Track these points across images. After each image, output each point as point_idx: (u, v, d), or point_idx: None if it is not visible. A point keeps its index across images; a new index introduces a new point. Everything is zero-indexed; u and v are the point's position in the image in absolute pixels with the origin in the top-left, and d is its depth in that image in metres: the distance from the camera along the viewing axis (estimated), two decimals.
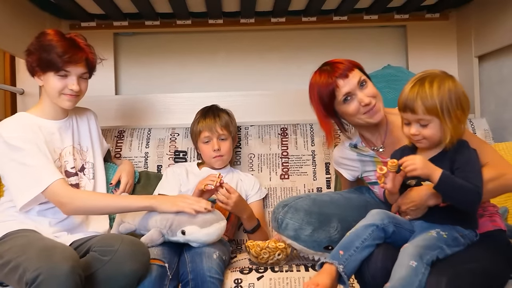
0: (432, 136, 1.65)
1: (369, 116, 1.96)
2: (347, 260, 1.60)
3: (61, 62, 1.95)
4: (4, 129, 1.93)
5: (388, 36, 3.16)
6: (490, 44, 2.73)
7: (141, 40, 3.09)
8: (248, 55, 3.11)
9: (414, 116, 1.64)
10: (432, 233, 1.63)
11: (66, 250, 1.68)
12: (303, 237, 1.93)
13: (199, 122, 2.44)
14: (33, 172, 1.89)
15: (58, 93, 1.99)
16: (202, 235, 1.91)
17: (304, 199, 2.00)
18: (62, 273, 1.55)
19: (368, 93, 1.95)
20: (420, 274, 1.51)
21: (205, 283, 1.79)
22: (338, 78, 1.94)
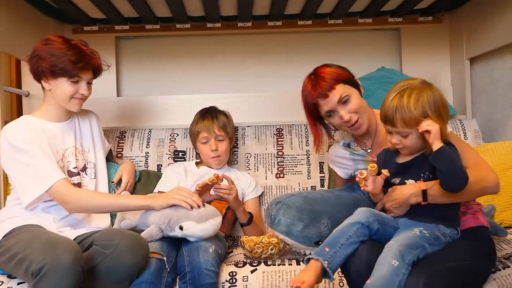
0: (413, 145, 1.72)
1: (352, 130, 2.04)
2: (332, 256, 1.66)
3: (76, 69, 2.04)
4: (9, 132, 2.00)
5: (382, 39, 3.21)
6: (481, 46, 2.79)
7: (142, 44, 3.16)
8: (245, 57, 3.18)
9: (394, 129, 1.70)
10: (415, 231, 1.68)
11: (69, 243, 1.76)
12: (295, 233, 2.00)
13: (198, 123, 2.52)
14: (37, 172, 1.96)
15: (69, 97, 2.08)
16: (199, 230, 1.98)
17: (296, 196, 2.08)
18: (65, 264, 1.63)
19: (350, 109, 2.00)
20: (401, 274, 1.57)
21: (202, 275, 1.86)
22: (319, 98, 2.01)
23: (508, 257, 1.91)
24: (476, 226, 1.84)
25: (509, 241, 2.06)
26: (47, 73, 2.05)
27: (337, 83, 2.01)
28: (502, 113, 2.72)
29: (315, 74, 2.07)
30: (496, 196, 2.36)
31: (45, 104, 2.15)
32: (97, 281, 1.83)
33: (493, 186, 1.79)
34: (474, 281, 1.74)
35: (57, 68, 2.03)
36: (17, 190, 2.02)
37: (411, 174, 1.75)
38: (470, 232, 1.80)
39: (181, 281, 1.90)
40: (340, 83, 2.02)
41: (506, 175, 2.39)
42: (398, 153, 1.82)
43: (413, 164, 1.75)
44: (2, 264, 1.92)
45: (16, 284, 1.89)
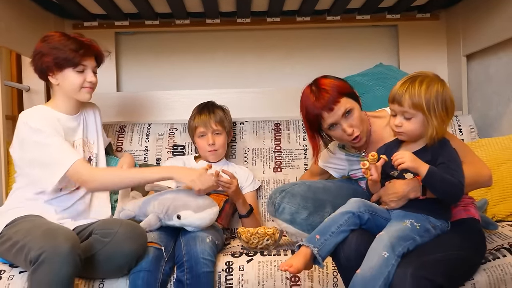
0: (413, 130, 1.74)
1: (352, 143, 2.06)
2: (322, 244, 1.69)
3: (78, 57, 2.08)
4: (27, 117, 2.05)
5: (380, 36, 3.24)
6: (477, 43, 2.82)
7: (142, 39, 3.19)
8: (244, 54, 3.20)
9: (400, 108, 1.72)
10: (406, 223, 1.71)
11: (67, 232, 1.80)
12: (299, 221, 2.04)
13: (195, 118, 2.55)
14: (56, 154, 2.01)
15: (79, 87, 2.12)
16: (196, 219, 2.02)
17: (300, 185, 2.12)
18: (63, 252, 1.67)
19: (352, 123, 2.00)
20: (390, 266, 1.61)
21: (199, 264, 1.90)
22: (323, 110, 1.98)
23: (498, 249, 1.94)
24: (467, 218, 1.87)
25: (500, 234, 2.09)
26: (52, 67, 2.09)
27: (341, 96, 2.00)
28: (497, 109, 2.74)
29: (317, 85, 2.04)
30: (489, 191, 2.39)
31: (55, 98, 2.18)
32: (97, 269, 1.87)
33: (487, 180, 1.87)
34: (462, 271, 1.78)
35: (60, 59, 2.07)
36: (38, 174, 2.04)
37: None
38: (460, 224, 1.83)
39: (178, 270, 1.94)
40: (344, 96, 2.01)
41: (500, 170, 2.42)
42: (399, 146, 1.85)
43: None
44: (4, 253, 1.96)
45: (18, 273, 1.92)
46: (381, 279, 1.58)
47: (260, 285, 1.92)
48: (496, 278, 1.83)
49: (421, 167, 1.67)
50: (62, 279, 1.66)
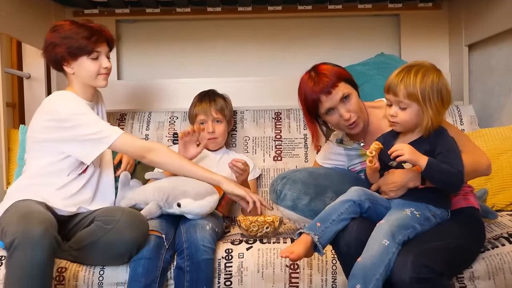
0: (407, 120, 1.74)
1: (349, 129, 2.06)
2: (323, 231, 1.70)
3: (91, 44, 2.09)
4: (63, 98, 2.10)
5: (381, 25, 3.23)
6: (479, 33, 2.81)
7: (142, 27, 3.18)
8: (245, 42, 3.20)
9: (395, 98, 1.72)
10: (406, 212, 1.71)
11: (42, 215, 1.79)
12: (301, 207, 2.05)
13: (196, 105, 2.55)
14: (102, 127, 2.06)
15: (95, 74, 2.13)
16: (196, 207, 2.03)
17: (301, 171, 2.13)
18: (35, 236, 1.66)
19: (350, 108, 2.01)
20: (391, 253, 1.61)
21: (199, 251, 1.91)
22: (321, 94, 1.99)
23: (497, 238, 1.94)
24: (466, 207, 1.87)
25: (499, 223, 2.10)
26: (67, 57, 2.10)
27: (340, 81, 2.01)
28: (498, 100, 2.74)
29: (316, 71, 2.05)
30: (489, 180, 2.39)
31: (72, 87, 2.18)
32: (98, 256, 1.90)
33: (485, 169, 1.87)
34: (461, 259, 1.79)
35: (73, 48, 2.08)
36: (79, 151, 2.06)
37: None
38: (460, 213, 1.84)
39: (178, 257, 1.95)
40: (342, 81, 2.02)
41: (500, 159, 2.43)
42: (396, 137, 1.85)
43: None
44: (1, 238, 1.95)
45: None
46: (382, 267, 1.59)
47: (260, 273, 1.94)
48: (495, 266, 1.84)
49: (420, 159, 1.67)
50: (37, 264, 1.65)
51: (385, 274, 1.59)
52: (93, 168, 2.18)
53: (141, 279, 1.86)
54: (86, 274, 1.92)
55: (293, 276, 1.93)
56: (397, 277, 1.58)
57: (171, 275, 1.95)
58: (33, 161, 2.11)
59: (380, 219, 1.72)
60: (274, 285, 1.93)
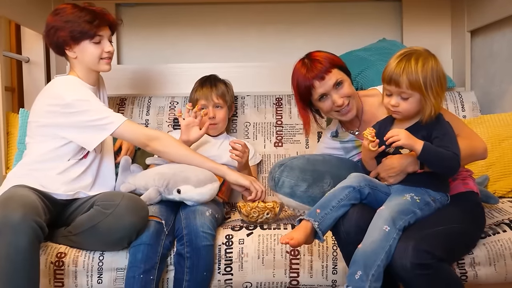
0: (410, 110, 1.74)
1: (341, 115, 2.07)
2: (322, 218, 1.70)
3: (94, 28, 2.08)
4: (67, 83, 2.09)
5: (383, 10, 3.19)
6: (482, 18, 2.78)
7: (143, 11, 3.15)
8: (246, 27, 3.17)
9: (397, 89, 1.72)
10: (406, 197, 1.72)
11: (22, 199, 1.77)
12: (299, 193, 2.06)
13: (197, 90, 2.53)
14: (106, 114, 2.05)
15: (98, 58, 2.12)
16: (196, 194, 2.03)
17: (298, 158, 2.13)
18: (14, 221, 1.66)
19: (343, 94, 2.04)
20: (391, 239, 1.62)
21: (198, 237, 1.90)
22: (315, 79, 2.02)
23: (498, 224, 1.95)
24: (465, 191, 1.88)
25: (500, 210, 2.11)
26: (69, 41, 2.08)
27: (333, 67, 2.05)
28: (500, 86, 2.73)
29: (309, 58, 2.09)
30: (490, 167, 2.39)
31: (75, 70, 2.18)
32: (97, 241, 1.90)
33: (482, 152, 1.89)
34: (462, 244, 1.80)
35: (76, 32, 2.07)
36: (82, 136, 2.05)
37: None
38: (459, 197, 1.84)
39: (178, 243, 1.95)
40: (335, 67, 2.05)
41: (501, 146, 2.42)
42: (392, 123, 1.85)
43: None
44: None
45: None
46: (383, 253, 1.59)
47: (260, 259, 1.94)
48: (496, 252, 1.85)
49: (415, 143, 1.67)
50: (19, 249, 1.65)
51: (386, 260, 1.60)
52: (94, 154, 2.17)
53: (141, 265, 1.86)
54: (85, 260, 1.92)
55: (294, 262, 1.93)
56: (398, 262, 1.58)
57: (171, 261, 1.95)
58: (35, 145, 2.10)
59: (380, 205, 1.73)
60: (275, 271, 1.93)
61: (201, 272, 1.90)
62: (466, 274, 1.85)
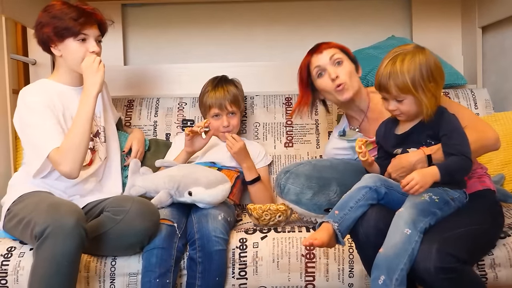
0: (409, 110, 1.72)
1: (339, 93, 2.06)
2: (341, 218, 1.68)
3: (78, 26, 2.02)
4: (25, 94, 2.03)
5: (392, 7, 3.17)
6: (493, 14, 2.75)
7: (149, 11, 3.13)
8: (253, 26, 3.15)
9: (389, 95, 1.71)
10: (424, 197, 1.68)
11: (71, 205, 1.79)
12: (304, 201, 2.02)
13: (209, 95, 2.47)
14: (42, 137, 1.95)
15: (81, 58, 2.05)
16: (207, 196, 2.01)
17: (304, 165, 2.10)
18: (68, 226, 1.66)
19: (339, 72, 2.05)
20: (414, 242, 1.59)
21: (211, 242, 1.88)
22: (313, 54, 2.09)
23: None
24: (483, 190, 1.84)
25: None
26: (53, 37, 2.04)
27: (335, 47, 2.11)
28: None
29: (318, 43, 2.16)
30: (506, 166, 2.36)
31: (58, 70, 2.14)
32: (108, 247, 1.87)
33: (493, 143, 1.84)
34: (483, 245, 1.78)
35: (60, 28, 2.02)
36: (26, 153, 2.06)
37: (412, 143, 1.76)
38: (477, 196, 1.81)
39: (191, 248, 1.93)
40: (339, 50, 2.09)
41: None
42: (397, 124, 1.82)
43: (413, 133, 1.76)
44: (11, 230, 1.96)
45: (28, 250, 1.92)
46: (405, 257, 1.57)
47: (275, 262, 1.91)
48: None
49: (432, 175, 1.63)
50: (67, 253, 1.66)
51: (409, 264, 1.57)
52: (99, 161, 2.15)
53: (155, 269, 1.84)
54: (97, 265, 1.90)
55: (309, 265, 1.91)
56: (422, 266, 1.56)
57: (184, 265, 1.93)
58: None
59: (397, 205, 1.70)
60: (290, 275, 1.91)
61: (213, 277, 1.88)
62: (486, 276, 1.82)
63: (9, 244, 1.96)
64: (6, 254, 1.91)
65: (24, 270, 1.87)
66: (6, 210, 1.99)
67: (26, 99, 2.01)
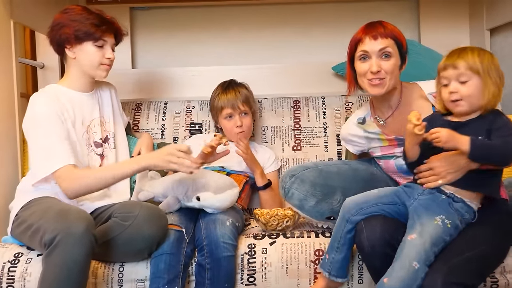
0: (470, 95, 1.66)
1: (371, 85, 1.99)
2: (331, 264, 1.77)
3: (99, 32, 2.06)
4: (36, 104, 2.04)
5: (400, 9, 3.18)
6: (501, 17, 2.75)
7: (157, 15, 3.15)
8: (261, 29, 3.15)
9: (454, 71, 1.67)
10: (437, 221, 1.65)
11: (80, 212, 1.79)
12: (307, 208, 2.03)
13: (220, 98, 2.48)
14: (50, 152, 1.97)
15: (98, 63, 2.09)
16: (216, 201, 2.02)
17: (311, 170, 2.08)
18: (77, 232, 1.67)
19: (383, 65, 1.96)
20: (420, 278, 1.58)
21: (219, 248, 1.89)
22: (367, 36, 1.97)
23: None
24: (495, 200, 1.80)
25: None
26: (72, 39, 2.06)
27: (392, 39, 1.98)
28: None
29: (379, 21, 2.04)
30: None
31: (69, 74, 2.16)
32: (116, 252, 1.88)
33: None
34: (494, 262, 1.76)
35: (81, 32, 2.05)
36: (31, 163, 2.06)
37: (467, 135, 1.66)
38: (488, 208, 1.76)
39: (199, 254, 1.94)
40: (394, 41, 1.99)
41: None
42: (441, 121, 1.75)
43: (469, 125, 1.69)
44: (19, 236, 1.97)
45: (35, 256, 1.93)
46: None
47: (284, 268, 1.92)
48: None
49: (460, 143, 1.59)
50: (77, 261, 1.67)
51: None
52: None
53: (164, 275, 1.85)
54: (105, 271, 1.91)
55: (319, 271, 1.90)
56: None
57: (192, 271, 1.94)
58: None
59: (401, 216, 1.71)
60: (299, 281, 1.92)
61: (222, 284, 1.89)
62: (497, 283, 1.82)
63: (16, 250, 1.98)
64: (13, 260, 1.93)
65: (32, 276, 1.88)
66: (14, 215, 2.00)
67: (37, 109, 2.02)
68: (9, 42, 2.34)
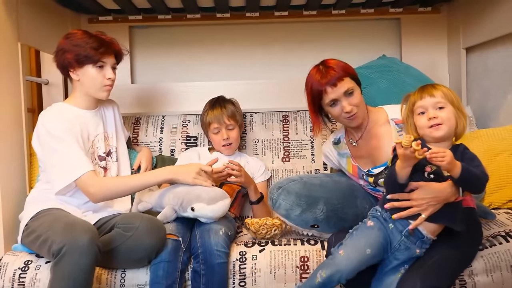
0: (449, 119, 1.75)
1: (349, 121, 2.13)
2: None
3: (98, 55, 2.17)
4: (47, 120, 2.14)
5: (383, 29, 3.30)
6: (476, 37, 2.89)
7: (155, 33, 3.26)
8: (253, 46, 3.27)
9: (432, 99, 1.77)
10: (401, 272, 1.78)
11: (85, 224, 1.91)
12: (293, 217, 2.15)
13: (208, 114, 2.63)
14: (70, 162, 2.10)
15: (100, 84, 2.21)
16: (209, 211, 2.12)
17: (296, 182, 2.21)
18: (82, 244, 1.77)
19: (352, 102, 2.09)
20: None
21: (213, 256, 2.02)
22: (327, 86, 2.06)
23: (495, 236, 2.03)
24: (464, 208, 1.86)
25: (496, 221, 2.19)
26: (73, 63, 2.18)
27: (346, 76, 2.09)
28: (494, 101, 2.82)
29: (324, 65, 2.13)
30: None
31: (74, 94, 2.27)
32: (119, 260, 2.00)
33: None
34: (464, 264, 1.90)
35: (81, 56, 2.16)
36: (50, 175, 2.15)
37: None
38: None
39: (194, 261, 2.06)
40: (348, 76, 2.10)
41: (496, 160, 2.50)
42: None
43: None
44: (29, 244, 2.07)
45: (44, 263, 2.05)
46: None
47: (272, 274, 2.05)
48: (492, 264, 1.95)
49: (456, 166, 1.65)
50: (82, 270, 1.76)
51: None
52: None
53: (162, 281, 1.97)
54: (108, 277, 2.03)
55: (304, 276, 2.04)
56: None
57: (188, 276, 2.06)
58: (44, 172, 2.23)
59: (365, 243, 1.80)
60: (286, 285, 2.04)
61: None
62: (465, 286, 1.94)
63: (26, 258, 2.09)
64: (23, 267, 2.04)
65: (41, 282, 2.00)
66: (24, 225, 2.11)
67: (49, 125, 2.12)
68: (17, 63, 2.42)
